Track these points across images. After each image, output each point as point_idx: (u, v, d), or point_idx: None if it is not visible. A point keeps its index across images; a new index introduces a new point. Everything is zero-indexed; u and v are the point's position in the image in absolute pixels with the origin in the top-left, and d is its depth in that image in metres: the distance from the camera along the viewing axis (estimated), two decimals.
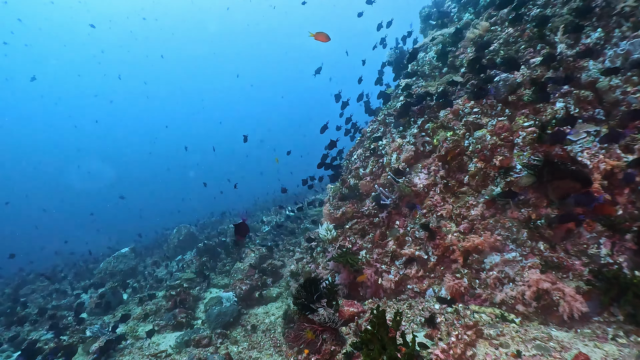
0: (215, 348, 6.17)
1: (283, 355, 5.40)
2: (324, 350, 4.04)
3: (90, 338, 7.08)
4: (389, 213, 6.07)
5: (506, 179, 4.60)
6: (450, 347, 3.30)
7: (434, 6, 9.80)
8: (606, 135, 3.94)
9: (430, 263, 5.04)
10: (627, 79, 4.26)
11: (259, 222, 14.86)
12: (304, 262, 7.91)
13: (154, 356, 6.29)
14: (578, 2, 5.15)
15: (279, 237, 12.00)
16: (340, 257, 5.65)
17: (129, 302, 9.77)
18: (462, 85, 6.18)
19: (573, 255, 3.97)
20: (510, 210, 4.55)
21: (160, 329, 7.43)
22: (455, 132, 5.53)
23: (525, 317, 3.90)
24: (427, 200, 5.50)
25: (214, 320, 6.97)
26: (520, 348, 3.24)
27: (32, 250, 21.06)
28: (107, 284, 10.89)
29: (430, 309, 4.34)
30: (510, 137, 4.82)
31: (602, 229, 3.80)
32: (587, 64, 4.75)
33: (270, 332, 6.37)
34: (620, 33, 4.61)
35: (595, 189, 3.87)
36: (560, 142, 4.20)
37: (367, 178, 7.04)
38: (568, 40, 5.03)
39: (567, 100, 4.61)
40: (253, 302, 7.94)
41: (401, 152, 6.33)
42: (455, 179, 5.38)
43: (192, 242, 14.58)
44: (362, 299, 5.51)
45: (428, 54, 7.79)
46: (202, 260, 11.13)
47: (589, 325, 3.56)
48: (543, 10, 5.67)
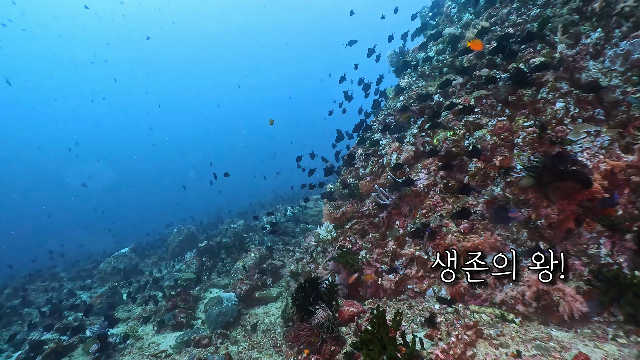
0: (215, 348, 6.17)
1: (283, 355, 5.39)
2: (324, 350, 4.04)
3: (90, 338, 7.09)
4: (389, 213, 6.07)
5: (506, 179, 4.61)
6: (450, 347, 3.30)
7: (434, 6, 9.80)
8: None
9: (430, 263, 5.04)
10: (627, 79, 4.27)
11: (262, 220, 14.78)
12: (304, 262, 7.91)
13: (154, 356, 6.29)
14: (578, 2, 5.16)
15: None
16: (340, 257, 5.65)
17: (129, 302, 9.77)
18: (462, 85, 6.18)
19: (573, 255, 3.97)
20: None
21: (160, 329, 7.43)
22: (455, 132, 5.53)
23: (525, 317, 3.90)
24: (427, 200, 5.50)
25: (214, 320, 6.97)
26: (520, 348, 3.24)
27: (32, 250, 21.08)
28: (107, 284, 10.90)
29: (430, 309, 4.34)
30: (510, 137, 4.82)
31: (602, 229, 3.80)
32: (587, 64, 4.75)
33: (270, 332, 6.37)
34: (621, 33, 4.61)
35: (596, 189, 3.87)
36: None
37: (367, 178, 7.04)
38: (568, 40, 5.03)
39: (567, 100, 4.61)
40: (253, 302, 7.94)
41: (401, 152, 6.33)
42: (455, 179, 5.39)
43: (192, 242, 14.58)
44: (362, 299, 5.51)
45: (428, 54, 7.79)
46: (202, 260, 11.13)
47: (589, 325, 3.56)
48: (543, 10, 5.68)
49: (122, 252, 13.54)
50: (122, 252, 13.49)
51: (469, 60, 6.24)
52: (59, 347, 6.87)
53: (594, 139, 4.18)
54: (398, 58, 9.27)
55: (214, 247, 12.16)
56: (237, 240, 12.11)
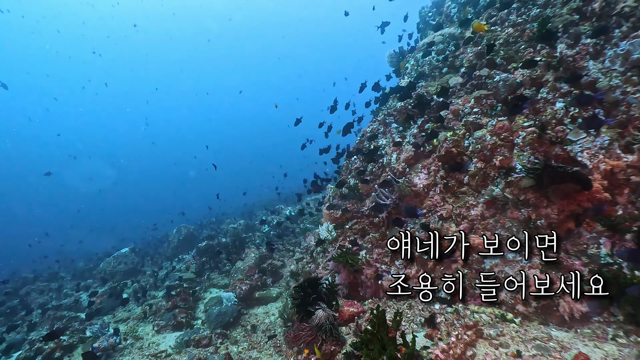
0: (215, 348, 6.17)
1: (283, 355, 5.39)
2: (324, 351, 4.03)
3: (90, 338, 7.09)
4: (388, 213, 6.07)
5: (506, 179, 4.60)
6: (450, 347, 3.30)
7: (433, 6, 9.80)
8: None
9: (430, 263, 5.03)
10: (627, 79, 4.26)
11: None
12: (304, 262, 7.91)
13: (154, 356, 6.29)
14: (578, 2, 5.16)
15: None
16: (340, 257, 5.65)
17: (129, 302, 9.77)
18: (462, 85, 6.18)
19: (573, 255, 3.97)
20: (510, 210, 4.55)
21: (160, 329, 7.43)
22: (455, 132, 5.53)
23: (525, 317, 3.90)
24: (427, 201, 5.50)
25: (214, 320, 6.97)
26: (520, 348, 3.24)
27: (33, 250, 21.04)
28: (107, 284, 10.90)
29: (430, 309, 4.34)
30: (510, 137, 4.82)
31: (602, 229, 3.80)
32: (587, 64, 4.75)
33: (270, 332, 6.37)
34: (621, 33, 4.61)
35: (596, 189, 3.86)
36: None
37: (367, 178, 7.04)
38: (568, 40, 5.03)
39: (567, 100, 4.61)
40: (253, 302, 7.93)
41: (401, 152, 6.33)
42: (455, 179, 5.38)
43: (192, 242, 14.58)
44: (362, 299, 5.51)
45: (430, 49, 7.79)
46: (202, 260, 11.13)
47: (589, 325, 3.56)
48: (543, 10, 5.68)
49: (122, 252, 13.53)
50: (122, 252, 13.48)
51: (468, 60, 6.25)
52: (59, 347, 6.87)
53: (593, 139, 4.18)
54: (398, 58, 9.27)
55: (214, 247, 12.17)
56: (237, 240, 12.11)
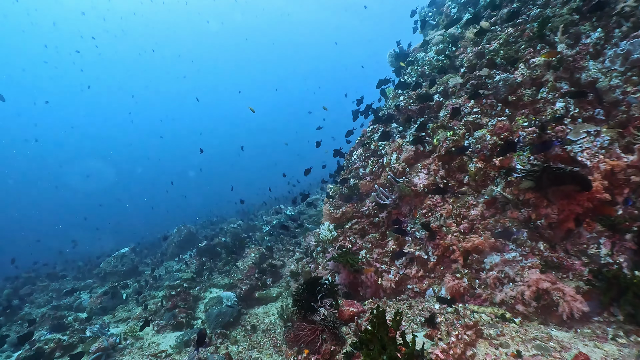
0: (215, 348, 6.16)
1: (283, 355, 5.39)
2: (324, 350, 4.03)
3: (90, 338, 7.09)
4: (389, 213, 6.07)
5: (506, 179, 4.61)
6: (450, 347, 3.30)
7: (433, 6, 9.79)
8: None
9: (430, 263, 5.04)
10: (627, 79, 4.26)
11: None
12: (304, 262, 7.91)
13: (154, 356, 6.28)
14: (578, 2, 5.15)
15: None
16: (340, 257, 5.65)
17: (128, 302, 9.77)
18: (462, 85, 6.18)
19: (573, 255, 3.97)
20: (510, 210, 4.55)
21: (160, 329, 7.43)
22: (455, 132, 5.53)
23: (525, 317, 3.90)
24: (427, 200, 5.50)
25: (214, 320, 6.97)
26: (520, 348, 3.24)
27: (33, 250, 21.07)
28: (107, 284, 10.90)
29: (430, 309, 4.34)
30: (510, 137, 4.82)
31: (602, 229, 3.80)
32: (587, 64, 4.75)
33: (270, 332, 6.37)
34: (621, 33, 4.61)
35: (596, 188, 3.86)
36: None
37: (367, 178, 7.04)
38: (568, 40, 5.03)
39: (567, 100, 4.61)
40: (253, 302, 7.93)
41: (401, 152, 6.33)
42: (455, 179, 5.39)
43: (192, 242, 14.57)
44: (362, 299, 5.51)
45: (428, 54, 7.78)
46: (202, 260, 11.13)
47: (589, 325, 3.56)
48: (543, 10, 5.67)
49: (122, 252, 13.52)
50: (121, 252, 13.48)
51: (468, 60, 6.24)
52: (59, 347, 6.87)
53: (594, 138, 4.18)
54: (398, 58, 9.26)
55: (214, 247, 12.16)
56: (236, 240, 12.11)
